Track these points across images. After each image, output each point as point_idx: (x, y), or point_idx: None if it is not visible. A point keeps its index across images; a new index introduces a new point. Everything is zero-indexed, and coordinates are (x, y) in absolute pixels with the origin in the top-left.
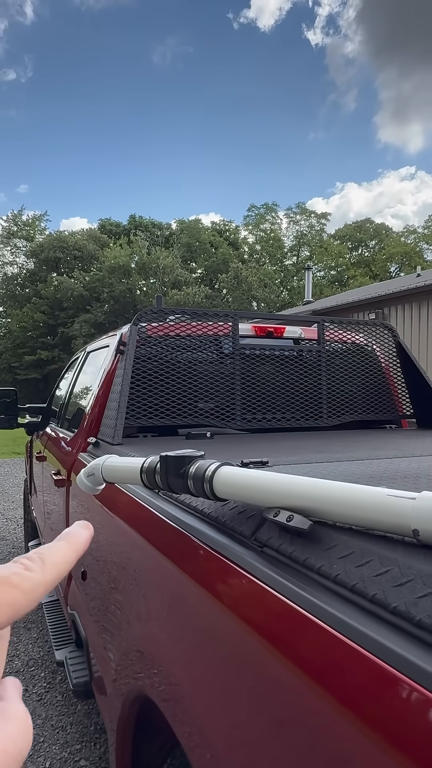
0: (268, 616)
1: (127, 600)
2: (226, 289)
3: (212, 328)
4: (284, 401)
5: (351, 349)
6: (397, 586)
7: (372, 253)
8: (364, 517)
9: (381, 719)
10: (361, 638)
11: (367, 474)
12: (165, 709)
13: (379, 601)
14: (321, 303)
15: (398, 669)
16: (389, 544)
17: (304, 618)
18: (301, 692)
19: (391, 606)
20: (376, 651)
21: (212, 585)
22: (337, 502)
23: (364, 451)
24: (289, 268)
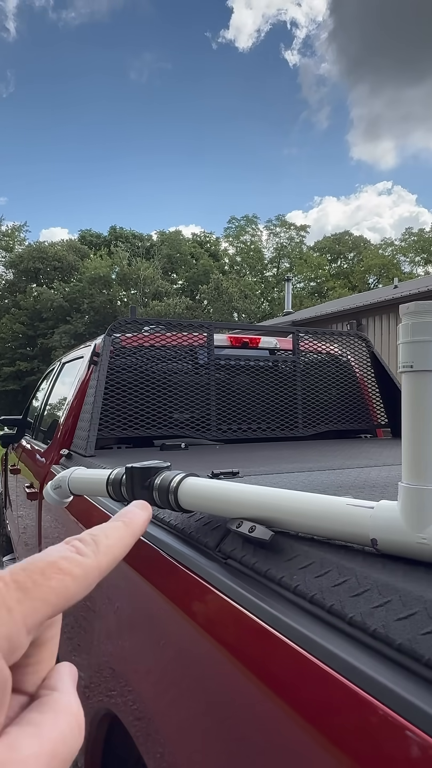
0: (231, 631)
1: (98, 615)
2: (207, 300)
3: (187, 338)
4: (259, 411)
5: (326, 360)
6: (354, 596)
7: (351, 265)
8: (325, 526)
9: (339, 732)
10: (317, 650)
11: (337, 483)
12: (131, 728)
13: (336, 611)
14: (301, 314)
15: (352, 681)
16: (349, 554)
17: (265, 632)
18: (265, 708)
19: (348, 616)
20: (331, 663)
21: (176, 599)
22: (297, 512)
23: (336, 461)
24: (269, 279)
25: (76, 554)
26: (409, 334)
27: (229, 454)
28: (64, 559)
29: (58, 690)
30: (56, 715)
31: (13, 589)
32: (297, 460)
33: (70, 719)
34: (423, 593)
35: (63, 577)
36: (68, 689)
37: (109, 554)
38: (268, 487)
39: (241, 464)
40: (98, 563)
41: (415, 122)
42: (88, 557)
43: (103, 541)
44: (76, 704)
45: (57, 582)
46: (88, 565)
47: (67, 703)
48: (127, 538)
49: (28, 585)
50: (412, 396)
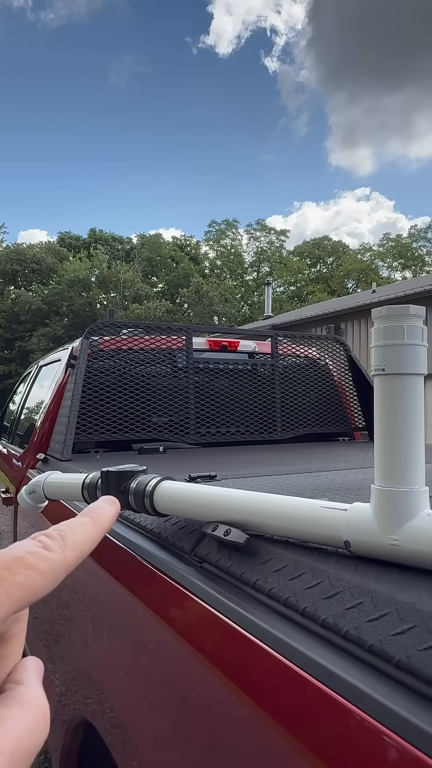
0: (207, 636)
1: (75, 622)
2: (188, 303)
3: (166, 341)
4: (238, 415)
5: (304, 363)
6: (327, 598)
7: (330, 270)
8: (299, 529)
9: (314, 735)
10: (291, 653)
11: (314, 486)
12: (106, 736)
13: (309, 614)
14: (280, 318)
15: (325, 683)
16: (322, 556)
17: (241, 636)
18: (241, 713)
19: (321, 619)
20: (305, 666)
21: (152, 604)
22: (272, 515)
23: (314, 464)
24: (249, 283)
25: (42, 549)
26: (381, 337)
27: (208, 457)
28: (30, 554)
29: (24, 684)
30: (22, 708)
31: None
32: (275, 463)
33: (36, 713)
34: (394, 594)
35: (29, 572)
36: (34, 683)
37: (75, 549)
38: (244, 490)
39: (219, 467)
40: (65, 558)
41: (392, 130)
42: (55, 552)
43: (70, 536)
44: (41, 698)
45: (23, 577)
46: (55, 560)
47: (32, 696)
48: (94, 534)
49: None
50: (384, 399)
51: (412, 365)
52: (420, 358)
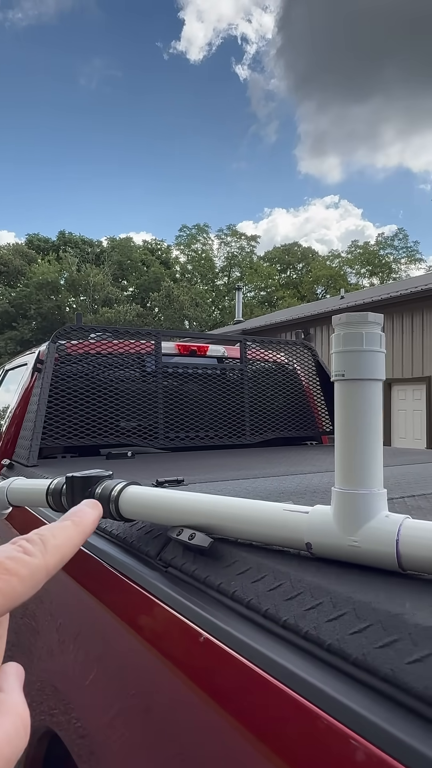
0: (172, 642)
1: (41, 632)
2: (158, 307)
3: (135, 346)
4: (207, 419)
5: (273, 368)
6: (288, 599)
7: (299, 276)
8: (262, 532)
9: (276, 736)
10: (253, 656)
11: (279, 490)
12: (71, 747)
13: (271, 616)
14: (251, 323)
15: (287, 684)
16: (285, 558)
17: (207, 641)
18: (207, 717)
19: (282, 620)
20: (267, 668)
21: (118, 609)
22: (236, 519)
23: (281, 468)
24: (220, 288)
25: (23, 554)
26: (340, 344)
27: (176, 462)
28: (10, 560)
29: (3, 690)
30: (1, 715)
31: None
32: (243, 467)
33: (15, 719)
34: (352, 594)
35: (9, 578)
36: (14, 689)
37: (56, 554)
38: (210, 494)
39: (187, 472)
40: (45, 563)
41: (359, 139)
42: (36, 557)
43: (51, 540)
44: (21, 704)
45: (3, 583)
46: (35, 565)
47: (12, 703)
48: (75, 538)
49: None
50: (344, 403)
51: (371, 371)
52: (378, 364)
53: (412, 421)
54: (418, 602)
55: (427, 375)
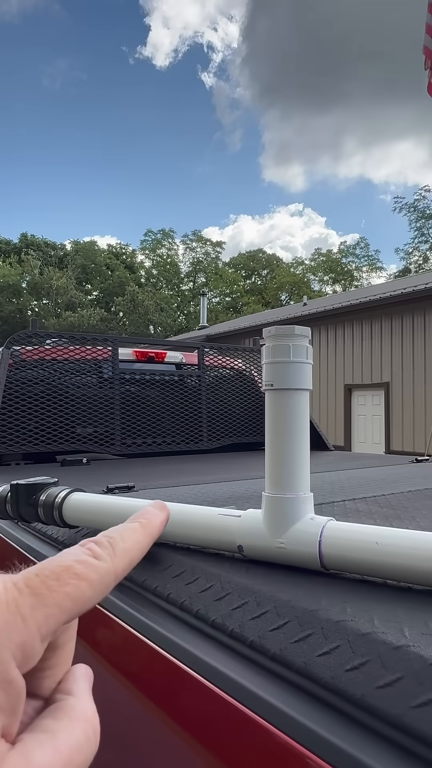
0: (111, 645)
1: None
2: (123, 312)
3: (91, 352)
4: (165, 425)
5: (230, 375)
6: (218, 600)
7: (264, 282)
8: (198, 536)
9: (205, 731)
10: (183, 655)
11: (227, 494)
12: None
13: (201, 615)
14: (216, 328)
15: (212, 681)
16: (219, 561)
17: (140, 642)
18: (141, 716)
19: (211, 620)
20: (195, 666)
21: None
22: (172, 524)
23: (234, 473)
24: (185, 293)
25: (91, 558)
26: (270, 355)
27: (131, 468)
28: (79, 563)
29: (73, 695)
30: (71, 722)
31: (27, 595)
32: (197, 473)
33: (86, 726)
34: (275, 593)
35: (78, 582)
36: (83, 694)
37: (125, 558)
38: (151, 500)
39: (141, 478)
40: (114, 567)
41: (322, 149)
42: (105, 561)
43: (120, 544)
44: (91, 710)
45: (72, 587)
46: (104, 569)
47: (82, 709)
48: (143, 541)
49: (43, 591)
50: (273, 412)
51: (298, 381)
52: (304, 374)
53: (371, 426)
54: (333, 599)
55: (385, 381)
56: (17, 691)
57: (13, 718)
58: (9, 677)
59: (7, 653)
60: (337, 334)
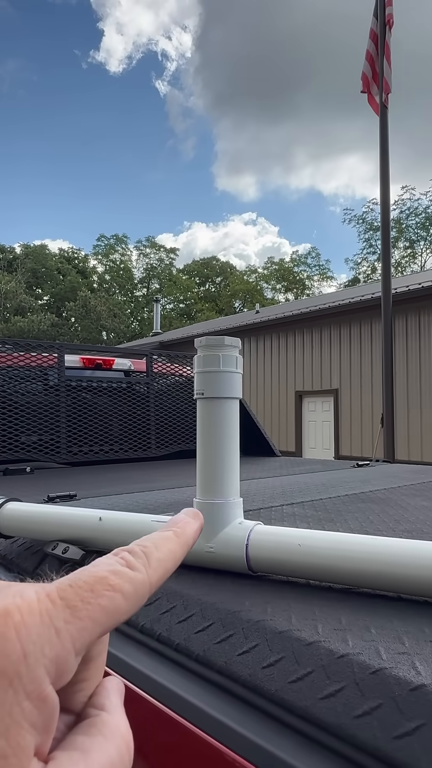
0: None
1: None
2: (75, 317)
3: (37, 359)
4: (113, 433)
5: (179, 382)
6: (148, 605)
7: (218, 289)
8: (130, 541)
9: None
10: (112, 661)
11: (169, 502)
12: None
13: (131, 622)
14: (169, 335)
15: (140, 686)
16: None
17: None
18: None
19: (140, 625)
20: (124, 672)
21: None
22: (106, 531)
23: (179, 480)
24: (139, 299)
25: (126, 568)
26: (201, 365)
27: (76, 476)
28: (114, 574)
29: (106, 710)
30: (105, 738)
31: (61, 608)
32: (142, 480)
33: (119, 743)
34: (202, 597)
35: (113, 594)
36: (116, 709)
37: (159, 569)
38: (84, 508)
39: (85, 487)
40: (149, 578)
41: (273, 160)
42: (139, 572)
43: (154, 553)
44: (124, 726)
45: (107, 600)
46: (139, 580)
47: (116, 725)
48: (178, 551)
49: (77, 603)
50: (204, 420)
51: (227, 390)
52: (234, 383)
53: (321, 432)
54: (256, 600)
55: (335, 387)
56: (51, 709)
57: (47, 736)
58: (43, 694)
59: (41, 669)
60: (288, 342)
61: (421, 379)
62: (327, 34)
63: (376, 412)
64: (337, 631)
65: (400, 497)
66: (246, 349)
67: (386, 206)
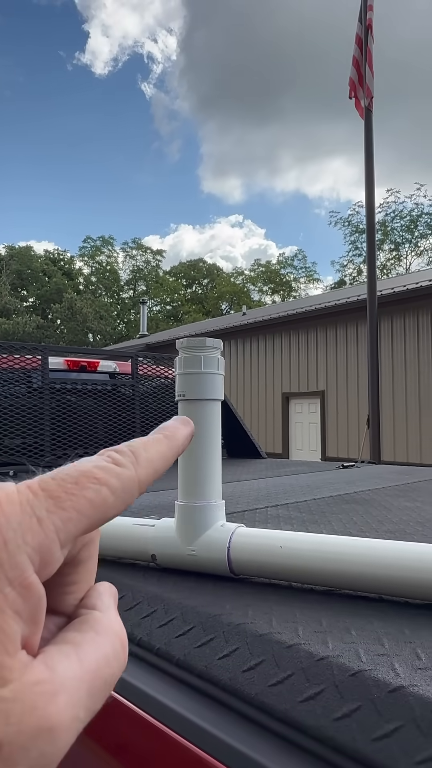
0: None
1: None
2: (60, 319)
3: (20, 361)
4: (98, 436)
5: (165, 384)
6: (128, 610)
7: (205, 291)
8: (112, 546)
9: (108, 734)
10: None
11: (153, 504)
12: None
13: None
14: (156, 336)
15: (121, 694)
16: (132, 570)
17: None
18: None
19: None
20: None
21: None
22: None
23: (164, 482)
24: (125, 301)
25: (112, 464)
26: (182, 366)
27: None
28: (99, 469)
29: (98, 609)
30: (97, 634)
31: (43, 498)
32: None
33: (113, 638)
34: (183, 600)
35: (99, 487)
36: (109, 609)
37: (149, 467)
38: None
39: None
40: (137, 475)
41: (259, 163)
42: (127, 468)
43: (142, 453)
44: (117, 623)
45: (92, 492)
46: (127, 476)
47: (108, 621)
48: (168, 453)
49: (60, 494)
50: None
51: (209, 392)
52: (216, 385)
53: (308, 433)
54: (237, 603)
55: (321, 389)
56: (37, 597)
57: (34, 627)
58: (27, 582)
59: (23, 556)
60: (275, 344)
61: (406, 381)
62: (311, 39)
63: (363, 414)
64: (318, 634)
65: (384, 498)
66: (233, 351)
67: (371, 209)
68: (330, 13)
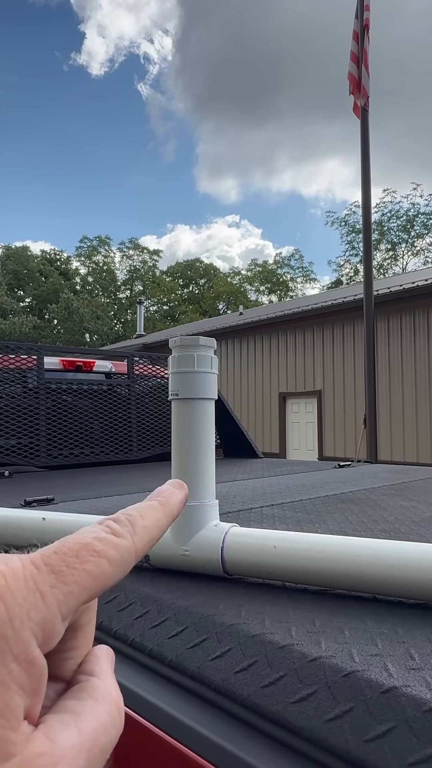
0: None
1: None
2: (57, 319)
3: (15, 361)
4: (94, 436)
5: (161, 384)
6: (121, 610)
7: (201, 291)
8: None
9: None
10: None
11: None
12: None
13: (104, 627)
14: (153, 336)
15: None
16: None
17: None
18: None
19: (113, 630)
20: None
21: None
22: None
23: (160, 482)
24: (122, 301)
25: (111, 535)
26: (175, 365)
27: (55, 480)
28: (99, 541)
29: (96, 675)
30: (95, 702)
31: (46, 573)
32: (122, 483)
33: (110, 706)
34: (175, 601)
35: (99, 560)
36: (106, 674)
37: (145, 536)
38: (55, 512)
39: (63, 490)
40: (135, 545)
41: (254, 163)
42: (125, 539)
43: (139, 521)
44: (115, 690)
45: (92, 565)
46: (125, 547)
47: (105, 689)
48: (163, 520)
49: (62, 568)
50: (178, 421)
51: (202, 391)
52: (209, 384)
53: (305, 433)
54: (230, 603)
55: (318, 389)
56: (39, 672)
57: (36, 699)
58: (30, 657)
59: (27, 632)
60: (272, 343)
61: (403, 380)
62: (306, 39)
63: (359, 413)
64: (311, 634)
65: (379, 497)
66: (230, 350)
67: (368, 209)
68: (326, 13)
